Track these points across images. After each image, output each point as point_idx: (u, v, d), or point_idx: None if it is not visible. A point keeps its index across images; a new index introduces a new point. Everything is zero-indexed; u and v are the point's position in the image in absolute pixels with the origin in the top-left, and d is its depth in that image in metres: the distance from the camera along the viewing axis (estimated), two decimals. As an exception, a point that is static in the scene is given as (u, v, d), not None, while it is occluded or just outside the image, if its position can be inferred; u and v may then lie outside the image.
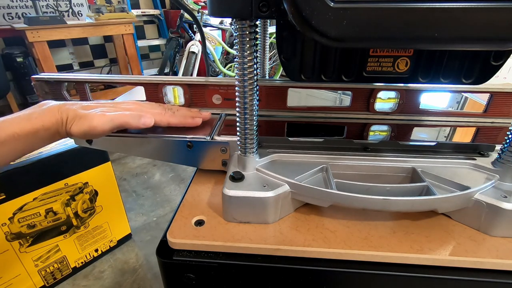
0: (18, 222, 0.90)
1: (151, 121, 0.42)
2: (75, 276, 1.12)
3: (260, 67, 0.57)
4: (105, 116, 0.39)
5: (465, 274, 0.32)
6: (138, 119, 0.41)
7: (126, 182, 1.69)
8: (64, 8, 2.30)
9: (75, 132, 0.39)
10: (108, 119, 0.39)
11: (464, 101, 0.78)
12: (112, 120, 0.39)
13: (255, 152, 0.38)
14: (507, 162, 0.36)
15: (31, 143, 0.38)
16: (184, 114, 0.47)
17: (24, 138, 0.36)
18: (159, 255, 0.34)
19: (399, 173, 0.40)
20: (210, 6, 0.28)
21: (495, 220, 0.33)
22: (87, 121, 0.38)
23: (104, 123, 0.39)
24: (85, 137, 0.41)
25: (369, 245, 0.33)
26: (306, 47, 0.38)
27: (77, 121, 0.38)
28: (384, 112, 0.54)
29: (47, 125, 0.37)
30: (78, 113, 0.39)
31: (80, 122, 0.38)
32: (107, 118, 0.39)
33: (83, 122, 0.38)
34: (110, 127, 0.39)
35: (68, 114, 0.39)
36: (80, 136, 0.40)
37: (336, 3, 0.23)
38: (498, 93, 0.51)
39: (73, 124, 0.38)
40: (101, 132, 0.39)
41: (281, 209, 0.36)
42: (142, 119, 0.42)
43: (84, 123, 0.38)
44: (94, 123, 0.38)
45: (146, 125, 0.42)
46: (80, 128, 0.38)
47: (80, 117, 0.38)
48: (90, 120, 0.38)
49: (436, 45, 0.29)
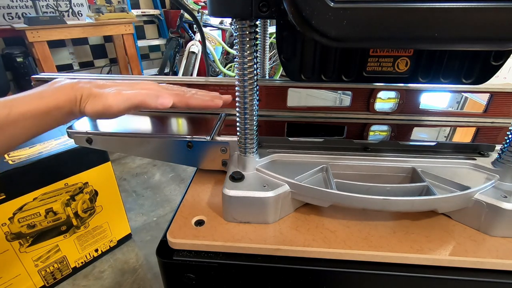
0: (18, 222, 0.90)
1: (169, 101, 0.39)
2: (75, 276, 1.12)
3: (260, 67, 0.57)
4: (120, 95, 0.37)
5: (465, 274, 0.32)
6: (156, 99, 0.38)
7: (126, 182, 1.69)
8: (64, 8, 2.31)
9: (90, 112, 0.37)
10: (124, 97, 0.37)
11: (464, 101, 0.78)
12: (128, 98, 0.37)
13: (255, 152, 0.38)
14: (507, 162, 0.36)
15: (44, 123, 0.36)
16: (203, 95, 0.44)
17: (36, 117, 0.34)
18: (159, 255, 0.34)
19: (399, 173, 0.40)
20: (210, 6, 0.28)
21: (495, 220, 0.33)
22: (102, 100, 0.36)
23: (120, 101, 0.36)
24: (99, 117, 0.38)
25: (369, 245, 0.33)
26: (306, 47, 0.38)
27: (92, 99, 0.36)
28: (384, 112, 0.54)
29: (61, 104, 0.36)
30: (93, 91, 0.37)
31: (95, 101, 0.36)
32: (123, 96, 0.37)
33: (97, 100, 0.36)
34: (127, 106, 0.37)
35: (82, 92, 0.37)
36: (95, 116, 0.37)
37: (336, 3, 0.23)
38: (498, 93, 0.51)
39: (87, 103, 0.37)
40: (117, 111, 0.37)
41: (281, 209, 0.36)
42: (160, 98, 0.39)
43: (99, 102, 0.36)
44: (109, 101, 0.36)
45: (164, 105, 0.39)
46: (95, 107, 0.36)
47: (95, 96, 0.36)
48: (105, 98, 0.36)
49: (436, 45, 0.29)
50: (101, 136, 0.44)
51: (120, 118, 0.51)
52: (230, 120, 0.51)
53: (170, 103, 0.39)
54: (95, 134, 0.44)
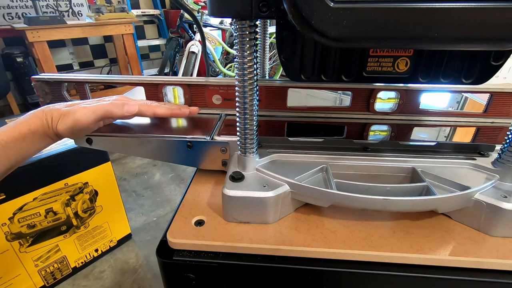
0: (18, 222, 0.90)
1: (134, 109, 0.42)
2: (75, 276, 1.12)
3: (260, 67, 0.57)
4: (86, 108, 0.39)
5: (465, 274, 0.32)
6: (122, 107, 0.41)
7: (126, 182, 1.69)
8: (64, 8, 2.31)
9: (62, 130, 0.39)
10: (90, 110, 0.39)
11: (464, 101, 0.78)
12: (94, 111, 0.39)
13: (255, 152, 0.38)
14: (507, 162, 0.36)
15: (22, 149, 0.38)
16: (170, 105, 0.47)
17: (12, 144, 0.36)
18: (159, 255, 0.34)
19: (399, 173, 0.40)
20: (210, 6, 0.28)
21: (495, 220, 0.33)
22: (70, 116, 0.38)
23: (86, 114, 0.38)
24: (72, 134, 0.40)
25: (369, 245, 0.33)
26: (306, 47, 0.38)
27: (62, 118, 0.38)
28: (384, 112, 0.54)
29: (33, 128, 0.38)
30: (61, 111, 0.39)
31: (65, 119, 0.38)
32: (89, 109, 0.39)
33: (67, 118, 0.38)
34: (94, 118, 0.39)
35: (52, 114, 0.39)
36: (68, 134, 0.39)
37: (336, 3, 0.23)
38: (498, 93, 0.51)
39: (58, 122, 0.38)
40: (86, 124, 0.39)
41: (281, 209, 0.36)
42: (126, 106, 0.41)
43: (68, 119, 0.38)
44: (77, 116, 0.38)
45: (130, 112, 0.42)
46: (65, 124, 0.38)
47: (64, 114, 0.38)
48: (73, 114, 0.38)
49: (436, 45, 0.29)
50: (101, 136, 0.44)
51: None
52: (230, 120, 0.51)
53: (135, 110, 0.42)
54: (95, 135, 0.44)
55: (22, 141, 0.37)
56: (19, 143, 0.37)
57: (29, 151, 0.39)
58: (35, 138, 0.38)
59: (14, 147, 0.37)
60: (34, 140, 0.38)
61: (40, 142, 0.39)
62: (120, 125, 0.47)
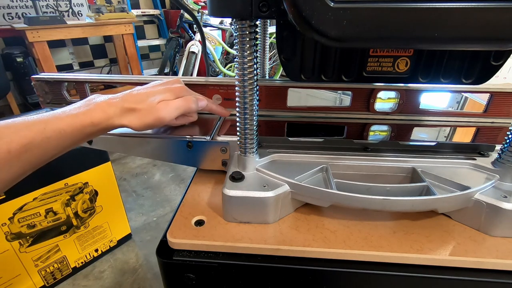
0: (18, 222, 0.90)
1: (205, 103, 0.44)
2: (75, 276, 1.12)
3: (260, 67, 0.57)
4: (169, 106, 0.39)
5: (465, 274, 0.32)
6: (197, 103, 0.42)
7: (126, 182, 1.69)
8: (64, 8, 2.31)
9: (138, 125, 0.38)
10: (174, 107, 0.39)
11: (464, 101, 0.78)
12: (177, 107, 0.40)
13: (255, 152, 0.38)
14: (507, 162, 0.36)
15: (78, 139, 0.37)
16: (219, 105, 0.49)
17: (70, 134, 0.35)
18: (159, 255, 0.34)
19: (399, 173, 0.40)
20: (210, 6, 0.28)
21: (495, 220, 0.33)
22: (152, 113, 0.38)
23: (170, 112, 0.39)
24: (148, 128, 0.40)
25: (369, 245, 0.33)
26: (306, 47, 0.38)
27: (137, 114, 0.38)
28: (384, 112, 0.54)
29: (96, 121, 0.36)
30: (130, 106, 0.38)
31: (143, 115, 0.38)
32: (172, 106, 0.39)
33: (146, 114, 0.38)
34: (177, 115, 0.40)
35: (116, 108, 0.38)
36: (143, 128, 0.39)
37: (336, 3, 0.23)
38: (498, 93, 0.51)
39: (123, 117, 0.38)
40: (169, 121, 0.40)
41: (281, 209, 0.36)
42: (200, 102, 0.43)
43: (149, 116, 0.38)
44: (161, 114, 0.38)
45: (202, 107, 0.44)
46: (145, 121, 0.38)
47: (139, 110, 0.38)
48: (156, 112, 0.38)
49: (436, 45, 0.29)
50: (101, 136, 0.44)
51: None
52: (230, 120, 0.51)
53: (205, 105, 0.44)
54: (95, 134, 0.44)
55: (80, 132, 0.36)
56: (77, 134, 0.36)
57: (84, 140, 0.38)
58: (95, 130, 0.37)
59: (71, 138, 0.36)
60: (93, 131, 0.37)
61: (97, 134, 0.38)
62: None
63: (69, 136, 0.35)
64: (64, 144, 0.36)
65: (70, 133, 0.35)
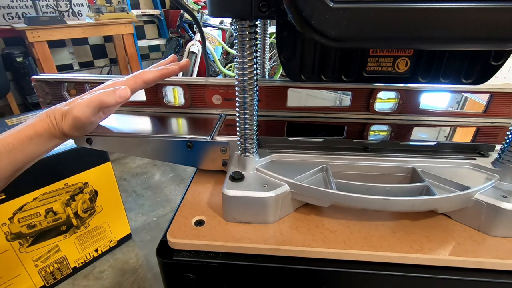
0: (18, 222, 0.90)
1: (126, 92, 0.39)
2: (75, 276, 1.12)
3: (260, 67, 0.57)
4: (81, 104, 0.38)
5: (465, 274, 0.32)
6: (113, 94, 0.39)
7: (126, 182, 1.69)
8: (64, 8, 2.31)
9: (67, 130, 0.38)
10: (85, 104, 0.38)
11: (464, 101, 0.78)
12: (88, 104, 0.38)
13: (255, 152, 0.38)
14: (507, 162, 0.36)
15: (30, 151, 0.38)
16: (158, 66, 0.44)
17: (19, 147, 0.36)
18: (159, 255, 0.34)
19: (399, 173, 0.40)
20: (210, 6, 0.28)
21: (495, 220, 0.33)
22: (69, 115, 0.38)
23: (83, 110, 0.38)
24: (77, 132, 0.40)
25: (369, 245, 0.33)
26: (306, 47, 0.38)
27: (64, 118, 0.38)
28: (384, 112, 0.54)
29: (39, 130, 0.38)
30: (62, 110, 0.38)
31: (66, 119, 0.38)
32: (83, 104, 0.38)
33: (67, 117, 0.38)
34: (91, 112, 0.38)
35: (54, 114, 0.38)
36: (74, 132, 0.39)
37: (336, 3, 0.23)
38: (498, 93, 0.51)
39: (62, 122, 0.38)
40: (85, 119, 0.38)
41: (281, 209, 0.36)
42: (117, 92, 0.39)
43: (68, 118, 0.38)
44: (74, 113, 0.38)
45: (123, 96, 0.39)
46: (67, 123, 0.38)
47: (65, 114, 0.38)
48: (70, 113, 0.38)
49: (436, 45, 0.29)
50: (101, 136, 0.44)
51: (120, 119, 0.51)
52: (230, 120, 0.51)
53: (128, 93, 0.40)
54: (95, 135, 0.44)
55: (29, 144, 0.37)
56: (26, 145, 0.37)
57: (37, 152, 0.39)
58: (42, 140, 0.38)
59: (22, 150, 0.37)
60: (41, 142, 0.38)
61: (47, 144, 0.39)
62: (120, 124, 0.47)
63: (18, 149, 0.36)
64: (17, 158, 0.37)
65: (19, 146, 0.36)
